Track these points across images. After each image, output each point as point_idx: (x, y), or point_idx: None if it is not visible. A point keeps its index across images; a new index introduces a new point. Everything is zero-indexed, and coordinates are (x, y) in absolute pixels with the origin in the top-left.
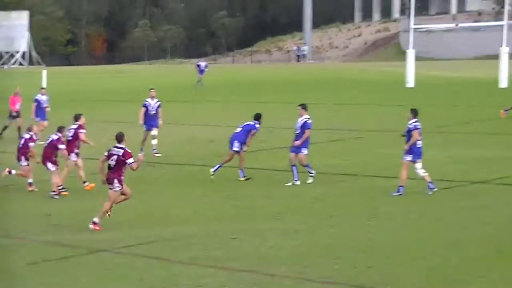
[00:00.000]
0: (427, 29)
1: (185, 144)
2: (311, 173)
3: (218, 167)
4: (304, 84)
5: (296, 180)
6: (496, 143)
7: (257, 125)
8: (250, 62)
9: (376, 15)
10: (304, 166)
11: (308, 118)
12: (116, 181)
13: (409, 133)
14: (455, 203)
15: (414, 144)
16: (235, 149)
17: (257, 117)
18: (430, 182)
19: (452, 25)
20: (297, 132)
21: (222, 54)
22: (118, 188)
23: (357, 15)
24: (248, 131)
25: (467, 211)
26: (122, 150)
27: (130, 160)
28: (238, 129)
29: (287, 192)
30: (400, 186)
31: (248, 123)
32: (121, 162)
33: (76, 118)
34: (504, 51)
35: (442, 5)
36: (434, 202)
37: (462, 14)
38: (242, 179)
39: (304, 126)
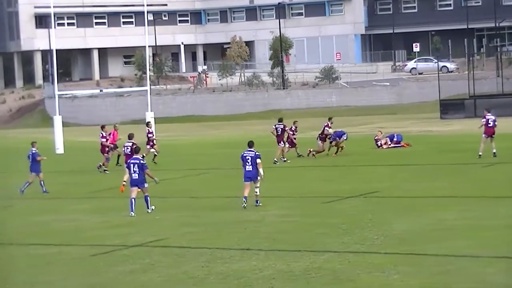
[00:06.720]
0: (72, 95)
1: None
2: None
3: None
4: None
5: None
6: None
7: None
8: None
9: (20, 82)
10: None
11: None
12: None
13: None
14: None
15: None
16: None
17: None
18: None
19: (96, 91)
20: None
21: None
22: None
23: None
24: None
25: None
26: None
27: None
28: None
29: None
30: None
31: None
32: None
33: None
34: (150, 115)
35: (85, 71)
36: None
37: (106, 80)
38: None
39: None
